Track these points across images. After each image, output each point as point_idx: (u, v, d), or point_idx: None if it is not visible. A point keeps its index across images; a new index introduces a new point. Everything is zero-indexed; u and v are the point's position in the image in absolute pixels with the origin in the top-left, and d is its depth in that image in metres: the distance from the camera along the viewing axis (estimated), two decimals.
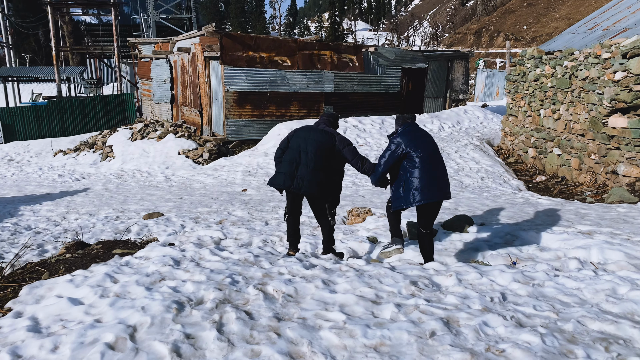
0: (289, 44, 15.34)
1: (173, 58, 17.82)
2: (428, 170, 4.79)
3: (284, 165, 5.25)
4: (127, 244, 6.67)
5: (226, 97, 14.69)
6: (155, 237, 7.06)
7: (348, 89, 16.78)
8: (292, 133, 5.35)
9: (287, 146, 5.29)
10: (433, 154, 4.92)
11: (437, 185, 4.84)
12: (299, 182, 5.14)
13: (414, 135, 4.92)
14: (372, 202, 9.15)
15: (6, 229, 9.06)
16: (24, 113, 20.30)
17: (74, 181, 14.45)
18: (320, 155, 5.13)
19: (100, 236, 8.04)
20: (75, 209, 10.61)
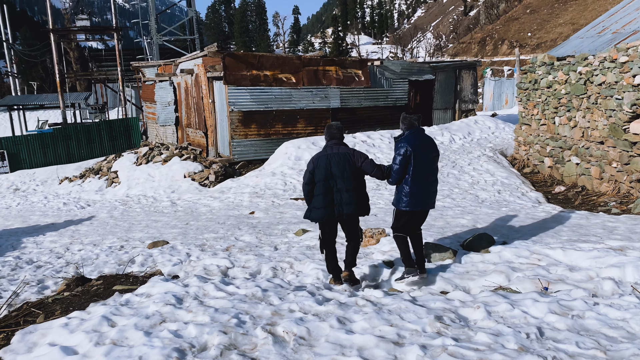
0: (293, 61, 15.11)
1: (176, 80, 17.66)
2: (420, 180, 5.20)
3: (318, 199, 5.28)
4: (129, 277, 6.33)
5: (231, 117, 14.43)
6: (158, 269, 6.72)
7: (355, 103, 16.49)
8: (313, 165, 5.29)
9: (313, 180, 5.28)
10: (429, 165, 5.27)
11: (424, 196, 5.29)
12: (340, 209, 5.27)
13: (418, 143, 5.18)
14: (385, 221, 8.76)
15: (7, 264, 8.76)
16: (29, 141, 20.21)
17: (79, 209, 14.20)
18: (350, 177, 5.22)
19: (103, 268, 7.73)
20: (79, 239, 10.33)
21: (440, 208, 9.35)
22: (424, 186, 5.26)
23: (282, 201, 11.32)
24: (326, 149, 5.31)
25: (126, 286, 5.73)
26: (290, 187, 12.42)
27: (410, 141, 5.13)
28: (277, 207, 10.84)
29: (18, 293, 6.41)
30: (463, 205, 9.45)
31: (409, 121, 5.31)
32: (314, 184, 5.28)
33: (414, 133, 5.23)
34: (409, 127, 5.29)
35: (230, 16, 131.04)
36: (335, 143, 5.31)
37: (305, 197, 5.42)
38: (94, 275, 7.40)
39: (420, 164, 5.16)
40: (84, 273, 6.94)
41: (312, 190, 5.31)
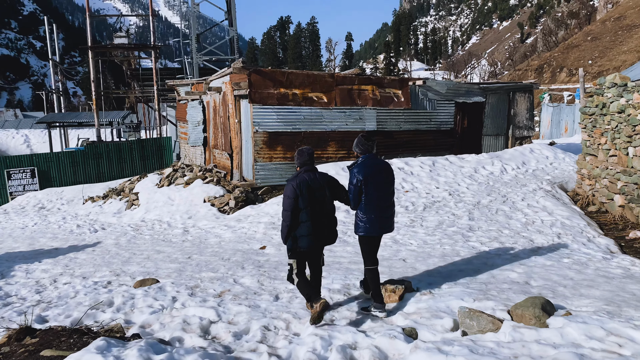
0: (325, 79, 13.80)
1: (206, 99, 16.75)
2: (374, 206, 5.32)
3: (305, 226, 5.18)
4: (75, 334, 5.01)
5: (255, 138, 13.22)
6: (118, 324, 5.38)
7: (393, 126, 14.95)
8: (296, 192, 5.12)
9: (297, 207, 5.14)
10: (383, 191, 5.37)
11: (379, 221, 5.39)
12: (327, 237, 5.41)
13: (371, 170, 5.28)
14: (415, 269, 7.14)
15: None
16: (59, 159, 19.83)
17: (91, 233, 13.27)
18: (330, 203, 5.35)
19: (72, 312, 6.55)
20: (72, 269, 9.28)
21: (485, 255, 7.63)
22: (379, 211, 5.38)
23: None
24: (302, 175, 5.22)
25: (57, 352, 4.42)
26: None
27: (363, 169, 5.26)
28: None
29: None
30: (514, 252, 7.68)
31: (365, 147, 5.37)
32: (298, 211, 5.13)
33: (367, 159, 5.35)
34: (364, 152, 5.37)
35: (284, 42, 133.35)
36: (308, 169, 5.26)
37: (287, 225, 5.18)
38: (57, 320, 6.22)
39: (373, 191, 5.29)
40: (32, 322, 5.71)
41: (296, 218, 5.15)
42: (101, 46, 21.75)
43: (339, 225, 6.22)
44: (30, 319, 5.98)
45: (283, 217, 5.22)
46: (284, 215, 5.21)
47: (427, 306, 5.64)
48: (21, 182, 19.55)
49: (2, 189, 19.50)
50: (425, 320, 5.27)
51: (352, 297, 6.21)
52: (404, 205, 11.12)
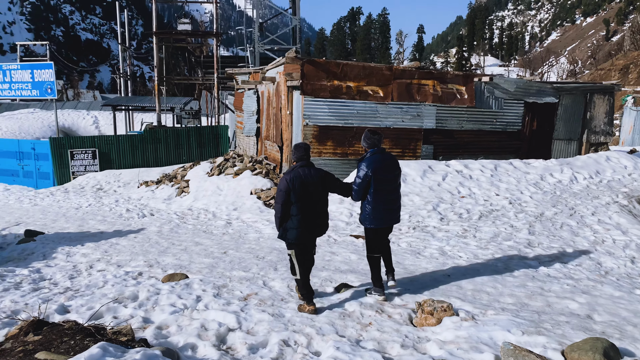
0: (382, 71, 13.07)
1: (261, 88, 16.45)
2: (382, 200, 5.51)
3: (294, 220, 5.35)
4: (79, 334, 4.71)
5: (305, 131, 12.74)
6: (128, 326, 5.05)
7: (454, 125, 14.00)
8: (288, 186, 5.28)
9: (289, 200, 5.31)
10: (390, 184, 5.56)
11: (387, 213, 5.60)
12: (314, 230, 5.53)
13: (379, 164, 5.45)
14: (459, 287, 6.39)
15: (16, 278, 7.78)
16: (120, 142, 20.30)
17: (139, 218, 13.33)
18: (323, 198, 5.52)
19: (95, 304, 6.36)
20: (110, 256, 9.22)
21: (543, 277, 6.75)
22: (385, 204, 5.58)
23: (340, 237, 9.30)
24: (297, 170, 5.35)
25: (52, 355, 4.12)
26: (356, 219, 10.35)
27: (371, 163, 5.43)
28: (330, 245, 8.85)
29: None
30: (576, 277, 6.73)
31: (371, 141, 5.51)
32: (289, 204, 5.31)
33: (375, 154, 5.50)
34: (371, 146, 5.52)
35: (354, 33, 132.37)
36: (304, 164, 5.39)
37: (279, 217, 5.43)
38: (77, 312, 6.05)
39: (380, 184, 5.47)
40: (46, 315, 5.52)
41: (287, 211, 5.35)
42: (164, 32, 22.09)
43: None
44: (48, 310, 5.82)
45: (275, 210, 5.49)
46: (275, 208, 5.47)
47: (467, 335, 4.94)
48: (83, 163, 20.19)
49: (66, 168, 20.23)
50: (463, 352, 4.59)
51: (386, 316, 5.60)
52: (458, 212, 10.28)
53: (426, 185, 11.67)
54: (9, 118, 31.44)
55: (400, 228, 9.56)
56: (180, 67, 67.35)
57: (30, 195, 18.13)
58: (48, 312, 5.95)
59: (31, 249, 9.93)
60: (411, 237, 8.95)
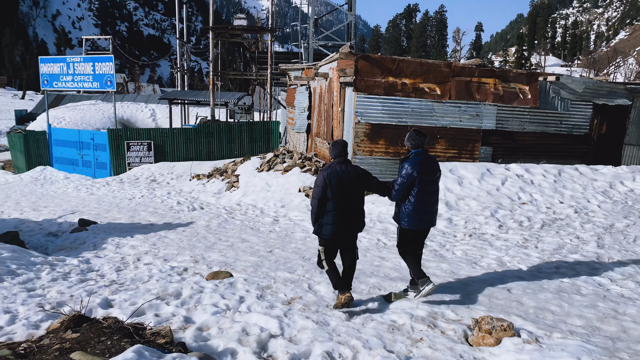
0: (440, 68, 12.48)
1: (313, 84, 16.20)
2: (423, 201, 5.52)
3: (330, 216, 5.38)
4: (119, 335, 4.57)
5: (356, 129, 12.36)
6: (167, 327, 4.87)
7: (515, 126, 13.22)
8: (325, 182, 5.32)
9: (325, 196, 5.35)
10: (431, 186, 5.55)
11: (426, 215, 5.60)
12: (349, 227, 5.48)
13: (422, 165, 5.44)
14: (520, 304, 5.86)
15: (64, 267, 7.85)
16: (174, 135, 20.61)
17: (189, 211, 13.38)
18: (359, 195, 5.51)
19: (138, 299, 6.29)
20: (158, 249, 9.23)
21: (615, 297, 6.10)
22: (426, 206, 5.54)
23: (390, 241, 8.87)
24: (335, 166, 5.38)
25: (87, 356, 3.97)
26: None
27: (415, 163, 5.41)
28: (380, 249, 8.45)
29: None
30: None
31: (417, 141, 5.48)
32: (325, 200, 5.35)
33: (419, 155, 5.48)
34: (416, 147, 5.50)
35: (409, 31, 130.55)
36: (341, 161, 5.42)
37: (315, 212, 5.45)
38: (120, 307, 5.97)
39: (423, 186, 5.44)
40: (87, 310, 5.43)
41: (323, 207, 5.37)
42: (220, 27, 22.27)
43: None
44: (92, 303, 5.76)
45: (311, 205, 5.49)
46: (312, 203, 5.47)
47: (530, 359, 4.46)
48: (138, 154, 20.64)
49: (122, 159, 20.75)
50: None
51: (439, 331, 5.19)
52: (518, 220, 9.62)
53: (484, 190, 11.04)
54: (72, 109, 32.76)
55: (455, 234, 9.04)
56: (236, 63, 68.23)
57: (87, 184, 18.70)
58: (91, 305, 5.89)
59: (83, 239, 10.10)
60: (467, 245, 8.42)
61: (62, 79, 22.18)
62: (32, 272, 7.21)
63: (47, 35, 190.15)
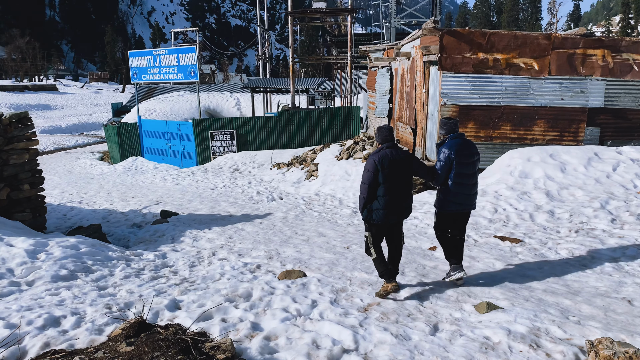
0: (538, 40, 11.08)
1: (395, 65, 15.25)
2: (462, 184, 5.54)
3: (381, 200, 5.30)
4: (175, 349, 4.19)
5: (442, 112, 11.33)
6: (227, 343, 4.42)
7: (628, 103, 11.53)
8: (377, 166, 5.25)
9: (376, 181, 5.28)
10: (470, 169, 5.57)
11: (466, 198, 5.62)
12: (400, 212, 5.47)
13: (459, 148, 5.50)
14: None
15: (141, 263, 7.81)
16: (255, 123, 20.56)
17: (268, 201, 13.14)
18: (409, 181, 5.47)
19: (207, 301, 6.01)
20: (234, 242, 9.01)
21: None
22: (465, 189, 5.58)
23: (481, 238, 7.92)
24: (385, 151, 5.32)
25: None
26: (502, 216, 8.82)
27: (451, 147, 5.48)
28: (469, 247, 7.54)
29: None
30: None
31: (448, 126, 5.60)
32: (376, 185, 5.28)
33: (454, 138, 5.56)
34: (449, 132, 5.60)
35: (499, 5, 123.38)
36: (390, 145, 5.35)
37: (364, 197, 5.38)
38: (188, 309, 5.67)
39: (462, 168, 5.50)
40: (148, 315, 5.14)
41: (373, 192, 5.30)
42: (298, 11, 21.84)
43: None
44: (159, 305, 5.49)
45: (361, 190, 5.40)
46: (362, 188, 5.38)
47: None
48: (222, 144, 20.86)
49: (206, 149, 21.08)
50: None
51: (543, 354, 4.33)
52: (635, 213, 8.25)
53: (591, 177, 9.67)
54: (162, 100, 34.11)
55: (558, 230, 7.91)
56: (319, 49, 67.94)
57: (174, 174, 19.18)
58: (158, 307, 5.63)
59: (162, 231, 10.11)
60: (573, 243, 7.28)
61: (150, 71, 22.91)
62: (106, 268, 7.16)
63: (144, 31, 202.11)
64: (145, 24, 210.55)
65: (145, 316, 5.07)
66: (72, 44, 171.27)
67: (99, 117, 49.20)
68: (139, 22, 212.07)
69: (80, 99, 68.86)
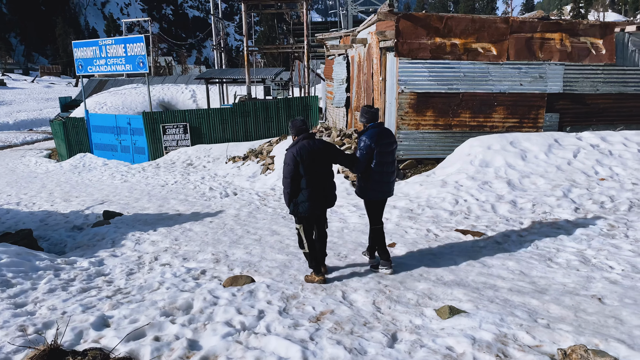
0: (495, 24, 10.74)
1: (351, 53, 14.71)
2: (381, 172, 5.62)
3: (305, 192, 5.29)
4: None
5: (400, 99, 10.87)
6: None
7: (587, 88, 11.35)
8: (296, 159, 5.21)
9: (297, 174, 5.23)
10: (388, 157, 5.66)
11: (385, 185, 5.70)
12: (324, 202, 5.51)
13: (378, 137, 5.56)
14: (619, 321, 4.43)
15: (69, 272, 7.01)
16: (209, 116, 19.69)
17: (221, 198, 12.43)
18: (330, 170, 5.51)
19: (141, 315, 5.42)
20: (179, 245, 8.31)
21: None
22: (385, 177, 5.66)
23: (443, 232, 7.49)
24: (302, 142, 5.27)
25: None
26: (463, 208, 8.43)
27: (372, 136, 5.54)
28: (431, 243, 7.09)
29: None
30: None
31: (370, 115, 5.68)
32: (299, 177, 5.23)
33: (374, 127, 5.62)
34: (370, 121, 5.67)
35: None
36: (306, 136, 5.34)
37: (289, 192, 5.35)
38: (119, 326, 5.04)
39: (382, 157, 5.57)
40: (62, 339, 4.45)
41: (297, 185, 5.26)
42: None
43: None
44: (84, 324, 4.78)
45: (284, 185, 5.38)
46: (284, 183, 5.36)
47: None
48: (175, 137, 19.91)
49: (159, 143, 20.10)
50: None
51: None
52: (598, 201, 7.98)
53: (552, 164, 9.40)
54: (114, 94, 32.59)
55: (521, 221, 7.55)
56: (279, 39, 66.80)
57: (123, 170, 18.16)
58: (83, 326, 4.93)
59: (102, 234, 9.30)
60: (537, 235, 6.93)
61: (96, 63, 21.64)
62: (29, 281, 6.36)
63: (98, 23, 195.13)
64: (99, 16, 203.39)
65: (61, 339, 4.39)
66: (21, 36, 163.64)
67: (50, 113, 46.98)
68: (92, 14, 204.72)
69: (30, 93, 65.71)
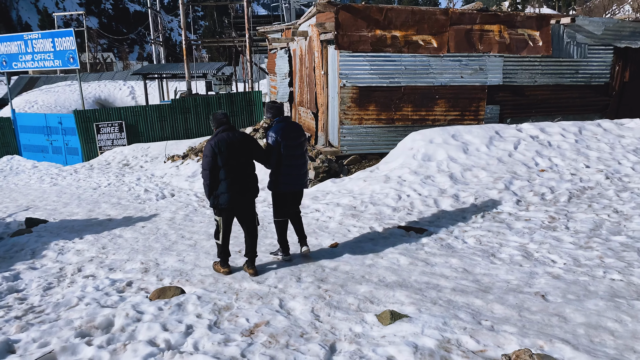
0: (435, 16, 10.61)
1: (293, 46, 14.31)
2: (292, 165, 5.75)
3: (224, 184, 5.33)
4: None
5: (342, 94, 10.58)
6: None
7: (525, 80, 11.45)
8: (214, 151, 5.25)
9: (216, 165, 5.28)
10: (297, 150, 5.80)
11: (297, 177, 5.86)
12: (252, 192, 5.60)
13: (285, 131, 5.68)
14: (563, 320, 4.26)
15: None
16: (147, 113, 18.76)
17: (157, 200, 11.76)
18: (250, 161, 5.52)
19: (53, 338, 5.10)
20: (106, 254, 7.66)
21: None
22: (294, 169, 5.81)
23: (385, 229, 7.24)
24: (221, 134, 5.31)
25: None
26: (406, 203, 8.22)
27: (278, 130, 5.63)
28: (373, 241, 6.81)
29: None
30: None
31: (274, 110, 5.81)
32: (217, 169, 5.27)
33: (280, 122, 5.75)
34: (275, 115, 5.81)
35: None
36: (227, 128, 5.38)
37: (208, 184, 5.37)
38: (26, 351, 4.55)
39: (289, 150, 5.68)
40: None
41: (215, 176, 5.29)
42: None
43: None
44: None
45: (203, 177, 5.36)
46: (203, 175, 5.35)
47: None
48: (110, 136, 18.87)
49: (92, 143, 18.99)
50: None
51: None
52: (539, 192, 7.96)
53: (494, 157, 9.37)
54: (46, 92, 30.77)
55: (464, 216, 7.41)
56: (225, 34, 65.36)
57: (53, 173, 17.01)
58: None
59: (22, 244, 8.48)
60: (480, 230, 6.78)
61: (22, 58, 20.18)
62: None
63: (32, 18, 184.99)
64: (32, 10, 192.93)
65: None
66: None
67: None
68: (25, 8, 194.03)
69: None
